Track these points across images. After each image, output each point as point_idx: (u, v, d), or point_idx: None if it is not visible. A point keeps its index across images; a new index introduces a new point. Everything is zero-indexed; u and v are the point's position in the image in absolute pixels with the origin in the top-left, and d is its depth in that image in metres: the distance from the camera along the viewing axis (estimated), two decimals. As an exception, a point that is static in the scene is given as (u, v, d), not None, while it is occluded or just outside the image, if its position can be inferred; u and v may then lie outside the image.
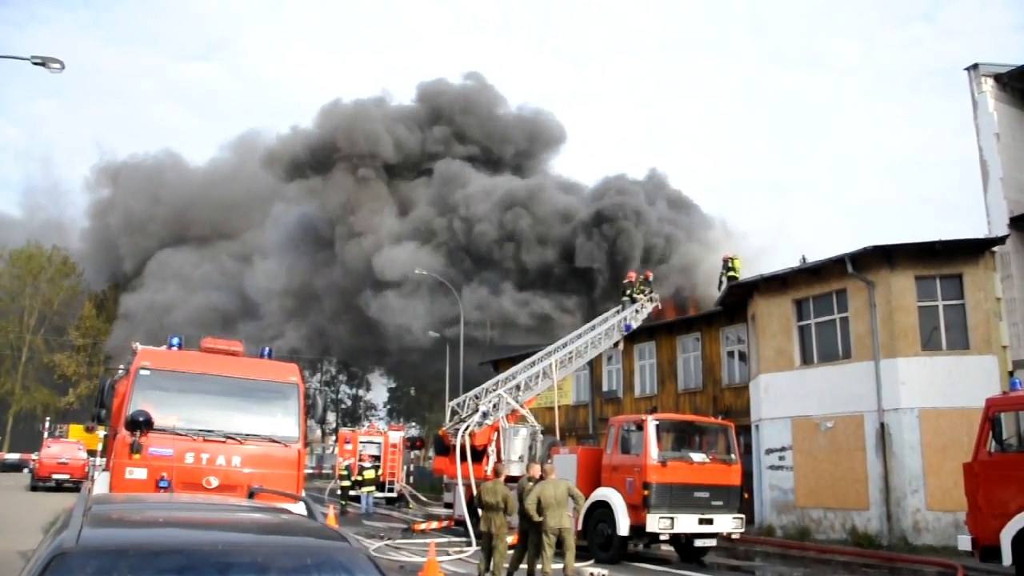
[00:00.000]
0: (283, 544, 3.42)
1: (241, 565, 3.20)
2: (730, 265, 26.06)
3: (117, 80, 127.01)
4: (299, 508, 4.88)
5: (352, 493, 27.55)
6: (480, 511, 12.30)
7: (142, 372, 10.36)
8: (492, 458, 20.41)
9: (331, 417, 65.66)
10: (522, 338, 39.89)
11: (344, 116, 47.42)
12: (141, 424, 9.72)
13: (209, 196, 54.90)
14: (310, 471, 50.18)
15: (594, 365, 29.15)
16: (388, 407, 69.75)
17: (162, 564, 3.09)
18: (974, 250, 19.06)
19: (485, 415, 20.85)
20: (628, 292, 26.35)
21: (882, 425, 18.92)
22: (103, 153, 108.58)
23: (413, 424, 62.12)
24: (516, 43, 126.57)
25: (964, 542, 12.67)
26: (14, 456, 44.80)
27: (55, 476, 30.47)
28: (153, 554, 3.11)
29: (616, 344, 25.76)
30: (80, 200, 62.61)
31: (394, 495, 31.85)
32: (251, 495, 5.42)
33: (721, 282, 26.49)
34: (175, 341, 11.31)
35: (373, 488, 27.35)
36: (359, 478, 27.38)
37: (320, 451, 60.54)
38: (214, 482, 9.98)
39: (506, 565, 12.30)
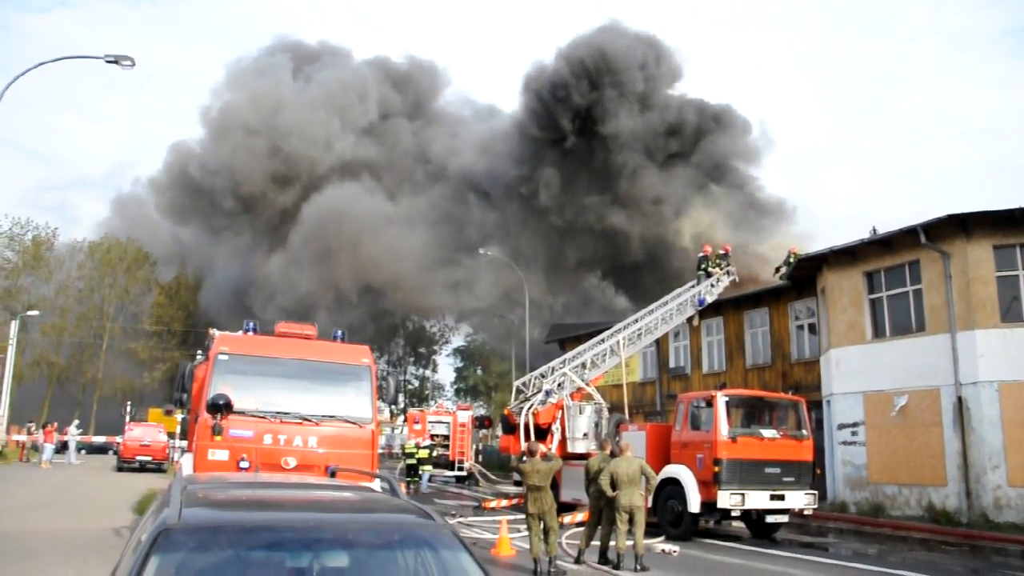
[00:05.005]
0: (371, 521, 3.55)
1: (331, 542, 3.33)
2: (791, 260, 25.48)
3: (184, 74, 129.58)
4: (375, 486, 5.02)
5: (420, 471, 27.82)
6: (527, 492, 11.48)
7: (221, 357, 10.72)
8: (556, 436, 20.54)
9: (400, 398, 66.69)
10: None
11: None
12: (222, 407, 10.09)
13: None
14: (380, 451, 50.96)
15: (661, 342, 28.98)
16: (455, 387, 70.57)
17: (256, 540, 3.25)
18: (1056, 216, 18.33)
19: (548, 394, 20.96)
20: (703, 266, 26.02)
21: (959, 399, 18.42)
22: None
23: (480, 403, 62.68)
24: (578, 18, 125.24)
25: (1050, 519, 12.32)
26: (100, 439, 46.71)
27: (139, 458, 31.67)
28: (249, 531, 3.27)
29: (690, 319, 25.51)
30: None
31: (464, 474, 32.24)
32: (332, 474, 5.59)
33: (779, 269, 26.22)
34: (250, 326, 11.65)
35: (430, 467, 27.52)
36: (423, 455, 27.25)
37: (389, 431, 61.56)
38: (292, 463, 10.29)
39: (564, 542, 12.34)
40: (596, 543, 12.37)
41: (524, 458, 11.86)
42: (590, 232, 43.70)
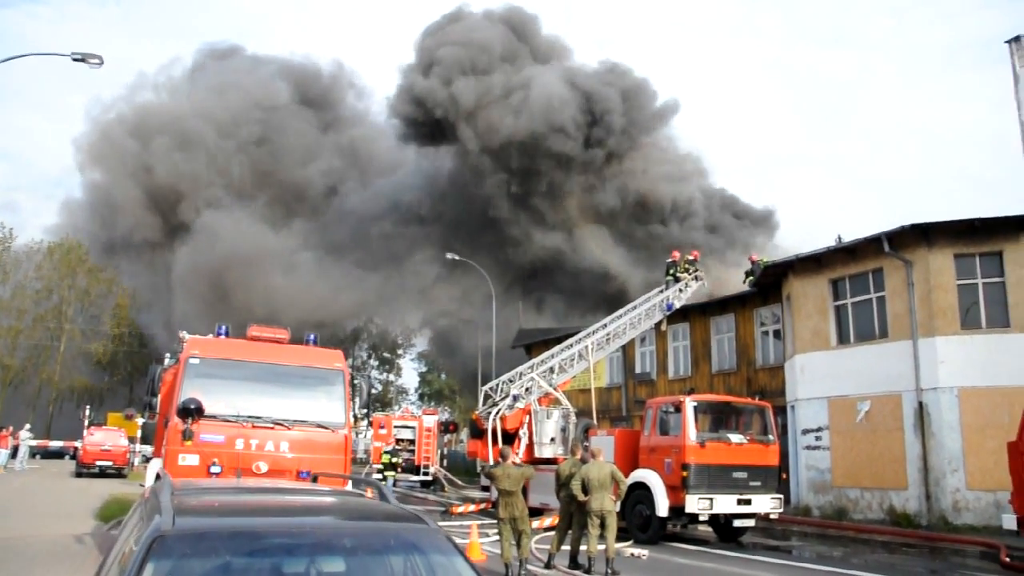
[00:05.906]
0: (366, 527, 3.55)
1: (326, 547, 3.33)
2: (760, 266, 25.65)
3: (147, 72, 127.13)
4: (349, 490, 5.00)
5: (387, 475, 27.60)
6: (499, 497, 11.63)
7: (192, 361, 10.59)
8: (524, 440, 20.55)
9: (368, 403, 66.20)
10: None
11: None
12: (192, 411, 9.95)
13: None
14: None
15: (627, 347, 29.11)
16: (419, 392, 70.39)
17: (251, 546, 3.23)
18: (1015, 227, 18.71)
19: (516, 399, 20.97)
20: (671, 271, 26.19)
21: (920, 404, 18.79)
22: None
23: (445, 408, 62.56)
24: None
25: (1008, 521, 12.66)
26: (57, 443, 45.78)
27: (99, 463, 31.09)
28: (243, 537, 3.25)
29: (658, 324, 25.66)
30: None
31: (429, 478, 32.11)
32: (314, 480, 5.57)
33: (746, 279, 26.50)
34: (222, 329, 11.53)
35: (392, 473, 27.22)
36: (386, 460, 26.93)
37: (353, 436, 61.10)
38: (263, 467, 10.18)
39: (534, 547, 12.39)
40: (566, 547, 12.42)
41: (496, 463, 11.87)
42: (507, 261, 43.39)
